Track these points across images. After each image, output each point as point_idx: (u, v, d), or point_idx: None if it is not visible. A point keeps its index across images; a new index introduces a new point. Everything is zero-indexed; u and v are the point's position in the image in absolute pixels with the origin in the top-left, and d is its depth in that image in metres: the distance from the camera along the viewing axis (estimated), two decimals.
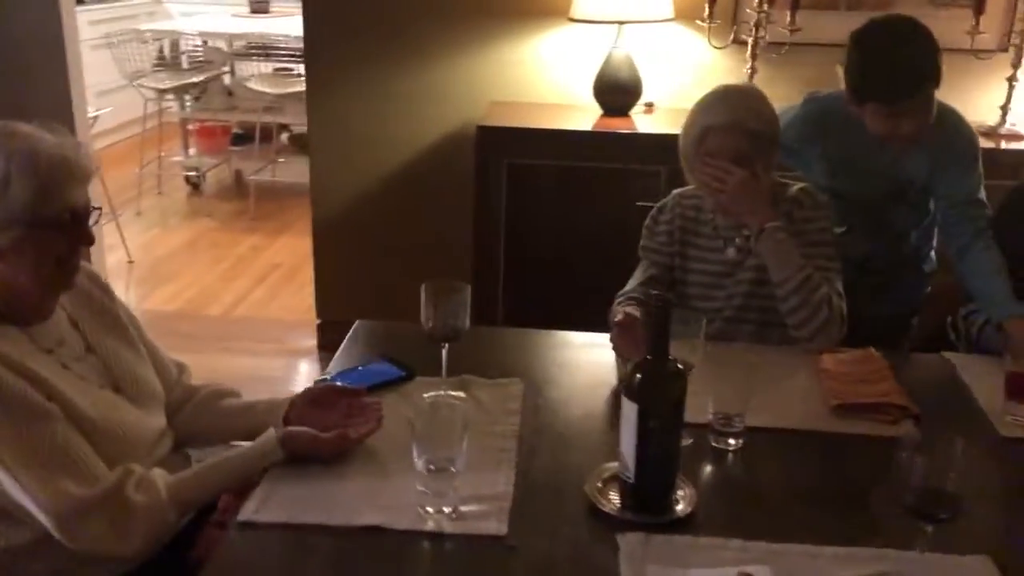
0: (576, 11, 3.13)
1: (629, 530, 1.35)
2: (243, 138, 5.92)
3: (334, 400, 1.62)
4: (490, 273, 3.04)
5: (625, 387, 1.37)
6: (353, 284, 3.63)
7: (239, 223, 5.37)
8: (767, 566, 1.25)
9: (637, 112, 3.22)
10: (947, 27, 2.47)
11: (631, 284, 2.16)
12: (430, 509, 1.37)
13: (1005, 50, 3.12)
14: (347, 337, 1.99)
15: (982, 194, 2.21)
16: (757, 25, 3.01)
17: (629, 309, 1.99)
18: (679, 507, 1.40)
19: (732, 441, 1.59)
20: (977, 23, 2.90)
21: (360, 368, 1.81)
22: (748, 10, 3.04)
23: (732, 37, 3.14)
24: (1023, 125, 3.07)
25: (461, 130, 3.39)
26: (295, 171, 5.62)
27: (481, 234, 3.07)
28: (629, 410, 1.35)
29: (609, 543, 1.33)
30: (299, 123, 5.75)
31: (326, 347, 3.63)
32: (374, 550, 1.31)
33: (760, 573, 1.23)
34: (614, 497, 1.43)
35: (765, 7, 2.98)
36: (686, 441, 1.48)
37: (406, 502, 1.39)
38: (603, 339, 1.84)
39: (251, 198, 5.56)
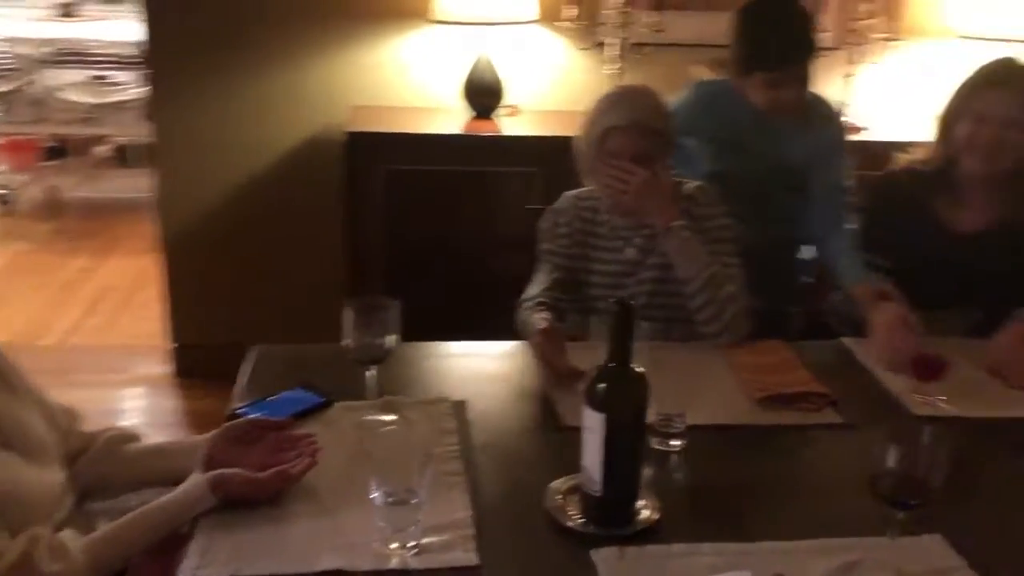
0: (438, 12, 3.06)
1: (600, 545, 1.30)
2: (57, 152, 5.46)
3: (257, 435, 1.48)
4: (370, 284, 2.92)
5: (588, 397, 1.33)
6: (212, 303, 3.41)
7: (59, 244, 4.95)
8: (747, 572, 1.24)
9: (499, 115, 3.19)
10: None
11: (536, 288, 2.12)
12: (392, 545, 1.28)
13: (840, 48, 3.31)
14: (244, 364, 1.84)
15: (850, 181, 2.34)
16: (621, 26, 3.04)
17: (543, 315, 1.96)
18: (642, 515, 1.37)
19: (675, 442, 1.58)
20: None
21: (271, 398, 1.67)
22: (610, 11, 3.07)
23: (595, 39, 3.17)
24: (860, 119, 3.26)
25: (323, 135, 3.26)
26: (119, 186, 5.26)
27: (359, 244, 2.95)
28: (594, 420, 1.31)
29: (582, 561, 1.28)
30: (121, 134, 5.39)
31: (186, 373, 3.39)
32: None
33: None
34: (573, 512, 1.38)
35: (628, 9, 3.02)
36: None
37: (362, 540, 1.29)
38: (515, 346, 1.80)
39: (70, 217, 5.15)
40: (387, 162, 2.89)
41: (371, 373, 1.60)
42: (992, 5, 3.21)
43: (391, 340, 1.57)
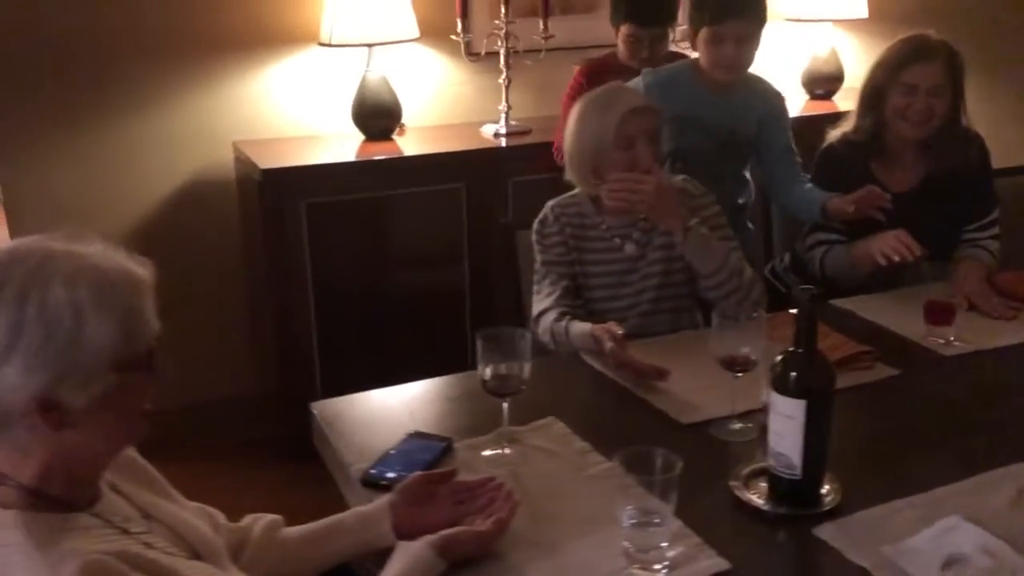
0: (323, 36, 2.96)
1: (802, 525, 1.37)
2: None
3: (431, 491, 1.41)
4: (299, 323, 2.78)
5: (778, 386, 1.39)
6: None
7: None
8: (955, 516, 1.36)
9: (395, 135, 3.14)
10: None
11: (547, 301, 2.13)
12: (638, 568, 1.27)
13: None
14: (318, 426, 1.72)
15: (794, 144, 2.59)
16: (507, 36, 3.08)
17: (589, 323, 1.98)
18: (825, 491, 1.45)
19: None
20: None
21: (392, 452, 1.58)
22: (498, 22, 3.10)
23: (480, 50, 3.18)
24: None
25: (203, 176, 3.03)
26: None
27: (282, 283, 2.78)
28: (792, 408, 1.37)
29: (811, 540, 1.34)
30: None
31: None
32: None
33: (963, 527, 1.33)
34: (758, 497, 1.44)
35: (514, 20, 3.07)
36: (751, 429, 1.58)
37: (612, 569, 1.28)
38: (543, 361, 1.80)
39: None
40: (307, 196, 2.75)
41: (506, 404, 1.56)
42: None
43: (526, 369, 1.54)
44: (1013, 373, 1.89)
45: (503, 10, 3.05)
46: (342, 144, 3.04)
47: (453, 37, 3.08)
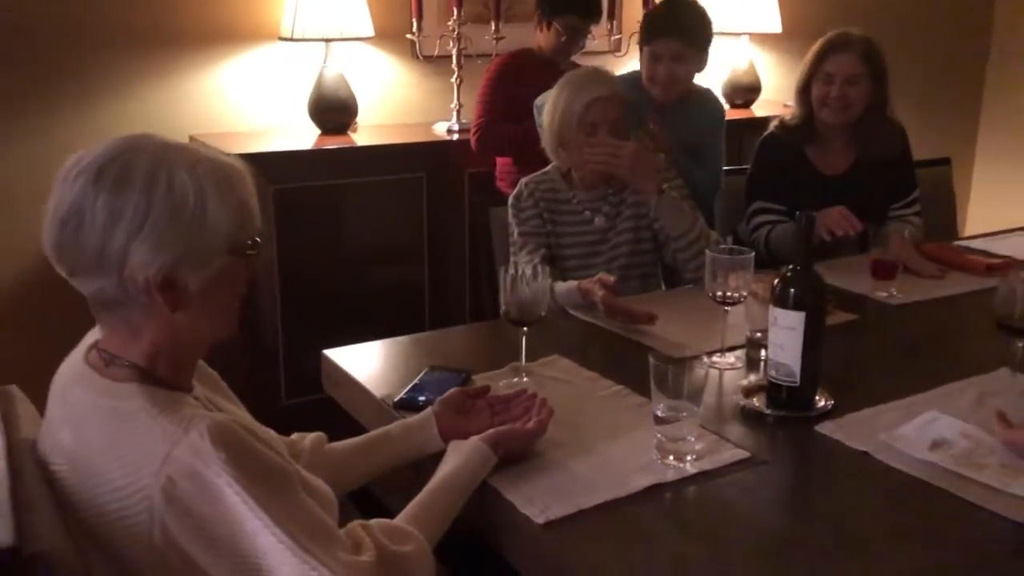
0: (289, 30, 3.04)
1: (816, 423, 1.54)
2: None
3: (469, 405, 1.51)
4: (266, 304, 2.83)
5: (779, 299, 1.55)
6: None
7: None
8: (933, 411, 1.55)
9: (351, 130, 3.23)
10: None
11: None
12: (672, 458, 1.41)
13: None
14: (334, 369, 1.80)
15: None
16: (459, 37, 3.23)
17: (570, 284, 2.12)
18: (817, 398, 1.62)
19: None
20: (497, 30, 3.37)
21: (416, 382, 1.67)
22: (449, 23, 3.25)
23: (432, 52, 3.32)
24: None
25: None
26: None
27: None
28: (793, 320, 1.53)
29: (815, 436, 1.50)
30: None
31: None
32: (664, 506, 1.33)
33: (943, 418, 1.52)
34: (761, 405, 1.60)
35: (466, 22, 3.22)
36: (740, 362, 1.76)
37: (647, 459, 1.41)
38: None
39: None
40: (277, 182, 2.82)
41: (524, 334, 1.69)
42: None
43: (546, 304, 1.67)
44: (952, 317, 2.15)
45: (455, 13, 3.20)
46: (299, 138, 3.11)
47: (408, 36, 3.20)
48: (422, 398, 1.60)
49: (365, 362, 1.83)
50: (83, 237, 1.06)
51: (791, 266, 1.57)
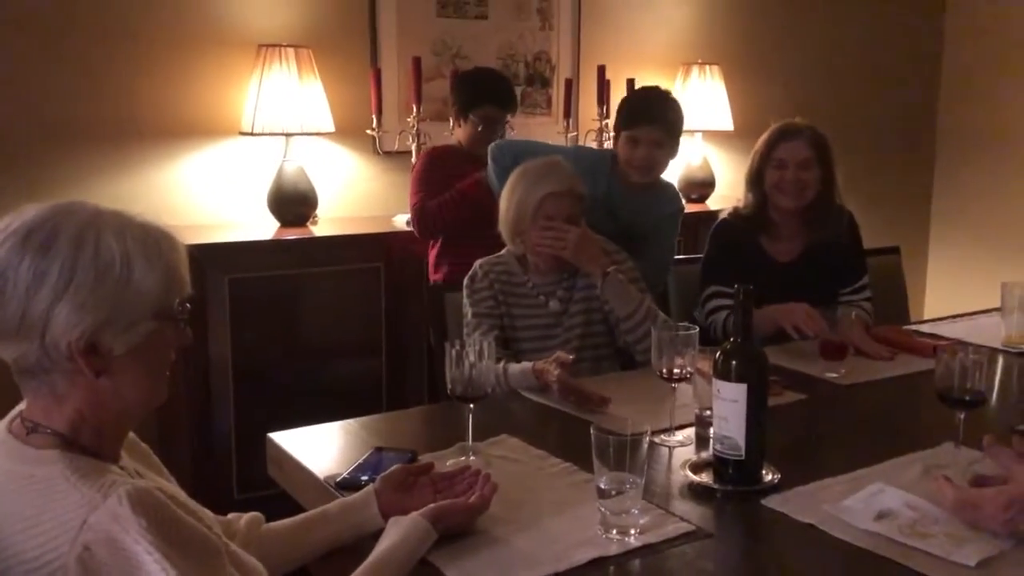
0: (249, 125, 3.09)
1: (763, 497, 1.53)
2: None
3: (412, 482, 1.49)
4: (219, 396, 2.79)
5: (721, 372, 1.56)
6: None
7: None
8: (879, 483, 1.54)
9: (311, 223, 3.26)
10: None
11: None
12: (615, 532, 1.39)
13: None
14: (278, 452, 1.78)
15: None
16: (418, 133, 3.31)
17: (524, 365, 2.12)
18: (764, 471, 1.61)
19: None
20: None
21: (360, 462, 1.65)
22: (409, 119, 3.32)
23: (390, 147, 3.39)
24: None
25: None
26: None
27: (205, 357, 2.80)
28: (736, 392, 1.54)
29: (761, 510, 1.49)
30: None
31: None
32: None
33: (888, 490, 1.51)
34: (708, 479, 1.59)
35: (425, 118, 3.30)
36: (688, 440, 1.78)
37: (590, 534, 1.39)
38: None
39: None
40: (231, 271, 2.82)
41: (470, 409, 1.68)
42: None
43: (491, 381, 1.66)
44: (899, 395, 2.17)
45: (415, 110, 3.28)
46: (259, 230, 3.13)
47: (369, 132, 3.27)
48: (364, 477, 1.57)
49: (310, 444, 1.81)
50: (5, 301, 1.05)
51: (732, 339, 1.58)
